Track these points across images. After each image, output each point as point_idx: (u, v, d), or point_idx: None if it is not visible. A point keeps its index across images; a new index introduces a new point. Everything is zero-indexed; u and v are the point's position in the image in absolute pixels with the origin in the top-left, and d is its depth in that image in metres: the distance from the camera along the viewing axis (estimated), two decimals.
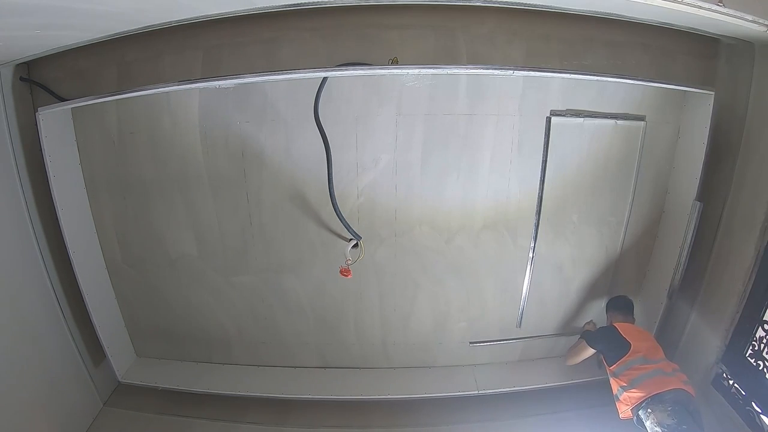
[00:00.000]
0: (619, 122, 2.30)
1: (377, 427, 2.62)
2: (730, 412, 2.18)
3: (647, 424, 2.00)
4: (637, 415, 2.08)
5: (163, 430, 2.61)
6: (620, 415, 2.20)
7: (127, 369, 2.76)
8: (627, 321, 2.43)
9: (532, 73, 1.94)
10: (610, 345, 2.29)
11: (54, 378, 2.37)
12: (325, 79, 2.10)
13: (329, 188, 2.23)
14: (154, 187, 2.42)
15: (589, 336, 2.44)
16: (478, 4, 1.97)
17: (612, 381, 2.26)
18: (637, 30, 2.12)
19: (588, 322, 2.70)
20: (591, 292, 2.69)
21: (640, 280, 2.66)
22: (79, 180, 2.39)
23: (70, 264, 2.30)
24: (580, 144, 2.33)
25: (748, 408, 2.11)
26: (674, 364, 2.20)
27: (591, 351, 2.39)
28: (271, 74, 1.84)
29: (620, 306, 2.53)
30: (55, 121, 2.17)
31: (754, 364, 2.12)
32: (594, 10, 2.00)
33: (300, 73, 1.80)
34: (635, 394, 2.08)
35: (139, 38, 2.01)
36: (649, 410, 2.00)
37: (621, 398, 2.17)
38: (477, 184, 2.39)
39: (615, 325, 2.36)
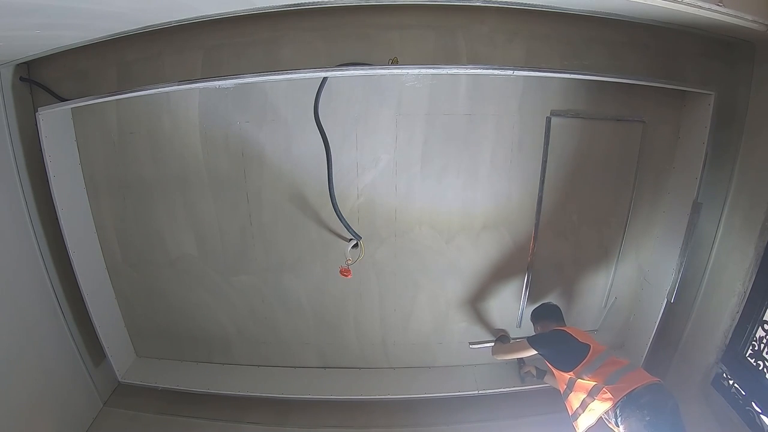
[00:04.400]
0: (619, 122, 2.30)
1: (377, 427, 2.62)
2: (730, 412, 2.18)
3: (621, 428, 1.75)
4: (614, 414, 1.79)
5: (163, 430, 2.61)
6: (581, 429, 1.95)
7: (127, 369, 2.76)
8: (562, 326, 2.28)
9: (532, 73, 1.94)
10: (566, 349, 2.07)
11: (54, 378, 2.37)
12: (325, 79, 2.10)
13: (329, 188, 2.23)
14: (154, 187, 2.42)
15: (536, 338, 2.21)
16: (478, 4, 1.96)
17: (576, 387, 1.98)
18: (637, 30, 2.12)
19: (501, 330, 2.69)
20: (591, 292, 2.69)
21: (641, 280, 2.66)
22: (79, 180, 2.39)
23: (70, 264, 2.30)
24: (580, 144, 2.33)
25: (748, 408, 2.11)
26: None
27: (530, 353, 2.18)
28: (271, 74, 1.84)
29: (553, 313, 2.40)
30: (55, 121, 2.17)
31: (754, 364, 2.12)
32: (594, 10, 2.00)
33: (300, 73, 1.80)
34: (613, 393, 1.80)
35: (139, 38, 2.00)
36: (626, 413, 1.74)
37: (593, 404, 1.88)
38: (477, 184, 2.39)
39: (563, 329, 2.19)
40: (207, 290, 2.67)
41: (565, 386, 2.07)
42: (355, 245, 2.44)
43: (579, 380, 1.97)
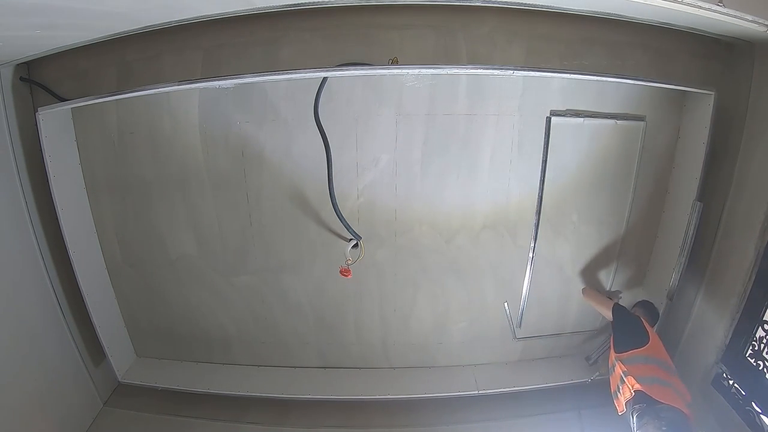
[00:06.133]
0: (619, 122, 2.30)
1: (377, 427, 2.62)
2: (730, 412, 2.18)
3: None
4: (630, 415, 1.94)
5: (163, 430, 2.61)
6: (618, 411, 2.10)
7: (127, 369, 2.76)
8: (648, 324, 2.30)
9: (532, 73, 1.93)
10: (628, 329, 2.15)
11: (54, 378, 2.37)
12: (325, 79, 2.10)
13: (329, 188, 2.23)
14: (154, 187, 2.42)
15: (620, 309, 2.28)
16: (478, 4, 1.97)
17: (616, 368, 2.10)
18: (637, 30, 2.12)
19: (617, 292, 2.63)
20: None
21: (640, 280, 2.66)
22: (79, 180, 2.39)
23: (70, 264, 2.30)
24: (580, 144, 2.33)
25: (748, 408, 2.11)
26: (683, 385, 2.03)
27: (608, 315, 2.27)
28: (271, 74, 1.84)
29: (649, 309, 2.43)
30: (55, 121, 2.17)
31: (754, 364, 2.12)
32: (594, 10, 2.00)
33: (300, 73, 1.80)
34: (635, 387, 1.93)
35: (139, 38, 2.00)
36: (644, 420, 1.84)
37: (622, 388, 2.03)
38: (477, 183, 2.39)
39: (644, 322, 2.21)
40: (207, 290, 2.67)
41: (609, 366, 2.18)
42: (355, 245, 2.44)
43: (618, 364, 2.08)
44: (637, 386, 1.94)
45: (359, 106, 2.23)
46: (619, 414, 2.10)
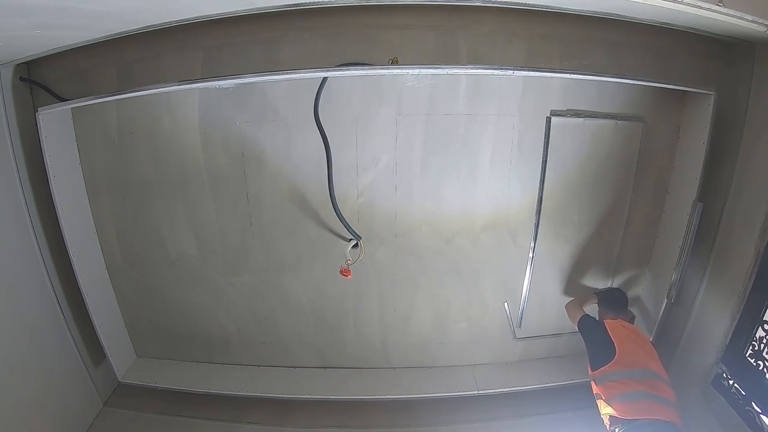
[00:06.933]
0: (619, 122, 2.30)
1: (377, 427, 2.62)
2: (730, 412, 2.18)
3: None
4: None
5: (163, 430, 2.61)
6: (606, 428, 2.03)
7: (127, 369, 2.76)
8: (619, 317, 2.25)
9: (532, 73, 1.93)
10: (594, 344, 2.08)
11: (54, 378, 2.37)
12: (325, 79, 2.10)
13: (329, 188, 2.23)
14: (154, 187, 2.42)
15: (584, 323, 2.23)
16: (478, 4, 1.97)
17: (592, 387, 2.07)
18: (637, 30, 2.12)
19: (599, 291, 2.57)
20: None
21: (640, 280, 2.66)
22: (79, 180, 2.39)
23: (70, 264, 2.30)
24: (580, 144, 2.33)
25: (748, 408, 2.11)
26: (666, 379, 1.99)
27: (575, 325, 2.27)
28: (271, 74, 1.84)
29: (610, 300, 2.38)
30: (55, 121, 2.17)
31: (754, 364, 2.12)
32: (594, 10, 2.00)
33: (300, 73, 1.80)
34: (608, 410, 1.89)
35: (139, 38, 2.00)
36: None
37: (600, 408, 2.00)
38: (477, 184, 2.39)
39: (605, 322, 2.17)
40: (207, 290, 2.67)
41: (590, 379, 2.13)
42: (355, 245, 2.44)
43: (592, 382, 2.06)
44: (608, 410, 1.92)
45: (359, 106, 2.23)
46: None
